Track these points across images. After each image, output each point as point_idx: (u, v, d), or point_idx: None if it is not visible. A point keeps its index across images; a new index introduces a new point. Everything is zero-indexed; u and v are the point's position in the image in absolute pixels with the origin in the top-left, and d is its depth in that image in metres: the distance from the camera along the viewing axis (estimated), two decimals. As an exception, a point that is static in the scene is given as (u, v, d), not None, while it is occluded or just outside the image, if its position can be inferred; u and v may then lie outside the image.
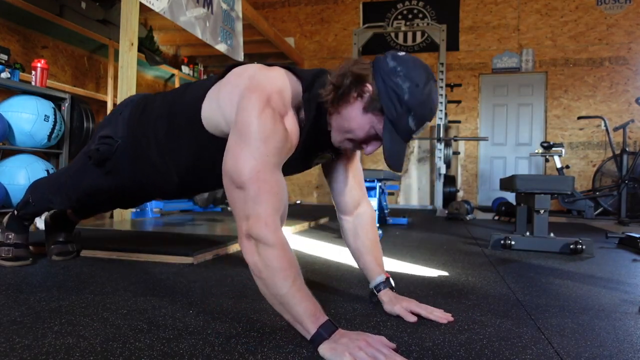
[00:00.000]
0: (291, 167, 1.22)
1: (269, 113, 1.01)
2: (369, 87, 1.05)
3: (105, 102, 4.46)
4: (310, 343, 0.94)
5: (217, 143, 1.15)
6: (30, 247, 1.86)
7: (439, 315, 1.20)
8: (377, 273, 1.30)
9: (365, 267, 1.33)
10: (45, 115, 2.71)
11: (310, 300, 0.97)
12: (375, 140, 1.12)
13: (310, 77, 1.13)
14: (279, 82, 1.08)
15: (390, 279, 1.31)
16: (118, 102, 3.08)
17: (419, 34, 7.07)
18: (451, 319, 1.20)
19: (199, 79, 1.25)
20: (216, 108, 1.15)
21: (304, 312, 0.94)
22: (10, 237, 1.74)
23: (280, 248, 0.97)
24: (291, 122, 1.08)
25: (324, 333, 0.93)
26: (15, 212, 1.75)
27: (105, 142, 1.42)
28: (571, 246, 2.41)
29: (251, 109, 1.02)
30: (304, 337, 0.96)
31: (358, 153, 1.37)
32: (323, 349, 0.92)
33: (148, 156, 1.36)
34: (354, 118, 1.08)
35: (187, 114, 1.23)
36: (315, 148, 1.21)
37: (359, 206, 1.36)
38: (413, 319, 1.17)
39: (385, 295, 1.26)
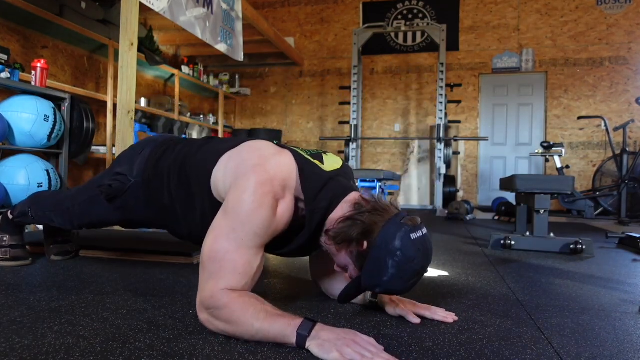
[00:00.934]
0: (290, 254, 1.26)
1: (260, 196, 1.02)
2: (365, 245, 1.05)
3: (105, 102, 4.46)
4: (299, 348, 0.96)
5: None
6: (28, 247, 1.86)
7: (443, 315, 1.20)
8: None
9: None
10: (45, 115, 2.71)
11: (278, 317, 0.98)
12: (346, 273, 1.16)
13: (318, 183, 1.12)
14: (285, 168, 1.09)
15: None
16: (118, 102, 3.08)
17: (419, 34, 7.06)
18: (456, 318, 1.21)
19: (216, 137, 1.24)
20: (221, 176, 1.15)
21: (280, 329, 0.97)
22: (4, 239, 1.74)
23: (230, 303, 0.99)
24: (285, 208, 1.07)
25: (304, 332, 0.95)
26: (10, 217, 1.75)
27: (119, 179, 1.40)
28: (571, 246, 2.41)
29: (244, 189, 1.03)
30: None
31: None
32: (312, 346, 0.94)
33: (160, 200, 1.33)
34: (340, 253, 1.11)
35: (197, 173, 1.22)
36: (313, 248, 1.23)
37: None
38: (417, 320, 1.18)
39: (385, 298, 1.26)
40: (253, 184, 1.03)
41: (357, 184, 1.28)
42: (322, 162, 1.18)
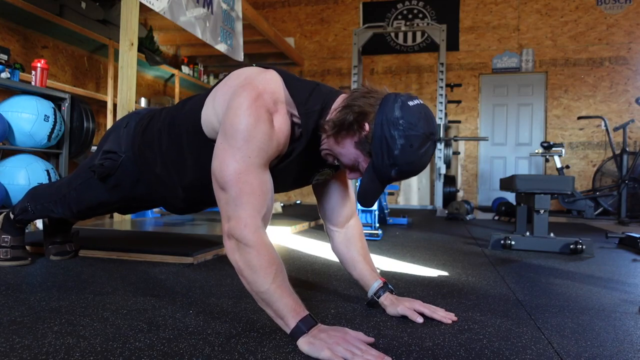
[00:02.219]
0: (290, 182, 1.24)
1: (254, 110, 1.01)
2: (367, 127, 1.03)
3: (105, 102, 4.45)
4: (290, 337, 0.96)
5: None
6: (28, 247, 1.86)
7: (443, 315, 1.20)
8: (373, 279, 1.29)
9: (361, 276, 1.32)
10: (45, 115, 2.71)
11: (290, 296, 0.98)
12: (357, 172, 1.12)
13: (306, 90, 1.12)
14: (273, 83, 1.08)
15: (388, 283, 1.30)
16: (118, 102, 3.08)
17: (419, 34, 7.06)
18: (455, 318, 1.21)
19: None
20: (212, 110, 1.14)
21: (284, 307, 0.97)
22: (6, 239, 1.74)
23: (260, 247, 0.98)
24: (281, 121, 1.06)
25: (303, 327, 0.95)
26: (11, 216, 1.75)
27: (109, 157, 1.41)
28: (571, 246, 2.41)
29: (238, 106, 1.02)
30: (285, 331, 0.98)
31: None
32: (302, 343, 0.94)
33: (153, 169, 1.35)
34: (345, 147, 1.08)
35: (187, 123, 1.23)
36: (313, 163, 1.20)
37: (350, 219, 1.37)
38: (420, 319, 1.17)
39: (386, 299, 1.25)
40: (246, 101, 1.02)
41: None
42: None
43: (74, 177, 1.60)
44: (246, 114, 1.00)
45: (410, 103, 1.03)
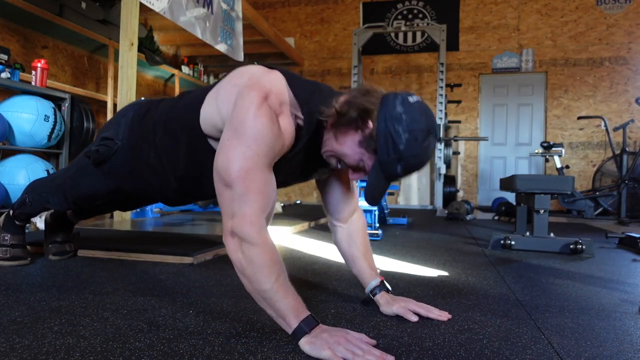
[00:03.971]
0: (290, 177, 1.24)
1: (264, 110, 1.02)
2: (370, 124, 1.04)
3: (105, 102, 4.45)
4: (292, 337, 0.96)
5: (213, 145, 1.16)
6: (28, 247, 1.86)
7: (438, 314, 1.21)
8: (371, 277, 1.30)
9: (360, 273, 1.33)
10: (45, 115, 2.71)
11: (292, 296, 0.98)
12: (361, 172, 1.13)
13: (308, 90, 1.13)
14: (278, 83, 1.09)
15: (385, 282, 1.31)
16: (118, 102, 3.08)
17: (419, 34, 7.06)
18: (450, 316, 1.21)
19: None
20: (214, 107, 1.14)
21: (286, 307, 0.97)
22: (6, 238, 1.75)
23: (263, 246, 0.98)
24: (286, 122, 1.07)
25: (305, 327, 0.95)
26: (11, 212, 1.76)
27: (105, 143, 1.42)
28: (571, 246, 2.41)
29: (248, 105, 1.02)
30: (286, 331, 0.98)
31: None
32: (303, 343, 0.94)
33: (146, 159, 1.36)
34: (349, 147, 1.08)
35: (184, 118, 1.23)
36: (314, 162, 1.21)
37: (354, 214, 1.37)
38: (415, 318, 1.18)
39: (381, 298, 1.26)
40: (256, 101, 1.02)
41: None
42: None
43: (71, 166, 1.62)
44: (258, 113, 1.01)
45: (410, 99, 1.04)
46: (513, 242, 2.50)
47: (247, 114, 1.01)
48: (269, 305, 0.98)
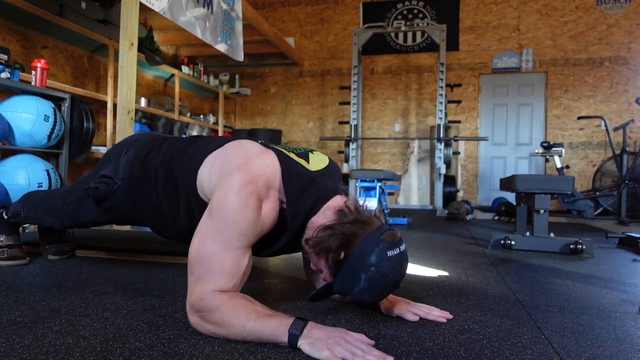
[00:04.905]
0: (273, 255, 1.27)
1: (243, 196, 1.02)
2: (342, 255, 1.06)
3: (105, 102, 4.46)
4: (290, 347, 0.96)
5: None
6: (24, 247, 1.86)
7: (438, 315, 1.20)
8: None
9: None
10: (45, 115, 2.71)
11: (270, 317, 0.99)
12: (320, 273, 1.18)
13: (301, 185, 1.12)
14: (269, 169, 1.09)
15: None
16: (118, 102, 3.08)
17: (419, 34, 7.06)
18: (450, 316, 1.21)
19: (203, 136, 1.24)
20: (207, 175, 1.15)
21: (271, 329, 0.97)
22: (1, 239, 1.74)
23: (221, 305, 0.99)
24: (270, 207, 1.08)
25: (296, 332, 0.96)
26: (5, 217, 1.75)
27: (105, 181, 1.40)
28: (571, 246, 2.41)
29: (229, 189, 1.04)
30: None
31: None
32: (303, 344, 0.94)
33: (149, 200, 1.33)
34: (317, 258, 1.12)
35: (183, 174, 1.22)
36: (295, 247, 1.24)
37: None
38: (415, 318, 1.18)
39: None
40: (237, 184, 1.03)
41: (342, 184, 1.25)
42: (307, 161, 1.18)
43: (70, 192, 1.59)
44: (235, 199, 1.02)
45: (389, 253, 1.04)
46: (513, 242, 2.50)
47: (225, 197, 1.03)
48: (257, 338, 0.98)
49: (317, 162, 1.20)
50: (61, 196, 1.61)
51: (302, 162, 1.17)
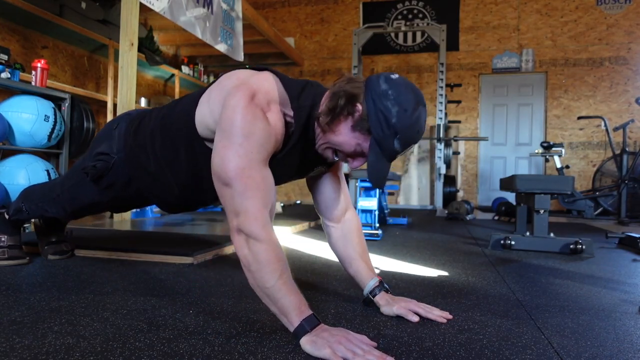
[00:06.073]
0: (285, 175, 1.25)
1: (251, 109, 1.03)
2: (359, 107, 1.07)
3: (105, 102, 4.45)
4: (293, 336, 0.96)
5: (211, 148, 1.16)
6: (23, 247, 1.86)
7: (438, 314, 1.20)
8: (369, 278, 1.30)
9: (357, 273, 1.32)
10: (45, 115, 2.71)
11: (295, 294, 0.99)
12: (361, 157, 1.14)
13: (298, 87, 1.15)
14: (266, 83, 1.11)
15: (383, 282, 1.30)
16: (118, 102, 3.08)
17: (419, 34, 7.06)
18: (450, 316, 1.21)
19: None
20: (207, 110, 1.16)
21: (289, 305, 0.97)
22: (2, 239, 1.74)
23: (268, 243, 0.99)
24: (275, 118, 1.08)
25: (307, 326, 0.96)
26: (7, 216, 1.75)
27: (101, 158, 1.41)
28: (571, 246, 2.41)
29: (234, 105, 1.04)
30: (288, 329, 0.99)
31: (342, 163, 1.35)
32: (304, 341, 0.94)
33: (146, 168, 1.35)
34: (343, 134, 1.10)
35: (180, 122, 1.24)
36: (309, 159, 1.22)
37: (346, 213, 1.37)
38: (415, 318, 1.18)
39: (381, 299, 1.26)
40: (242, 100, 1.04)
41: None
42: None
43: (67, 178, 1.60)
44: (244, 112, 1.02)
45: (393, 77, 1.08)
46: (513, 242, 2.50)
47: (234, 114, 1.03)
48: (272, 302, 0.99)
49: None
50: (59, 184, 1.63)
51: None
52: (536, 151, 5.22)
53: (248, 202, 1.00)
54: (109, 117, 4.48)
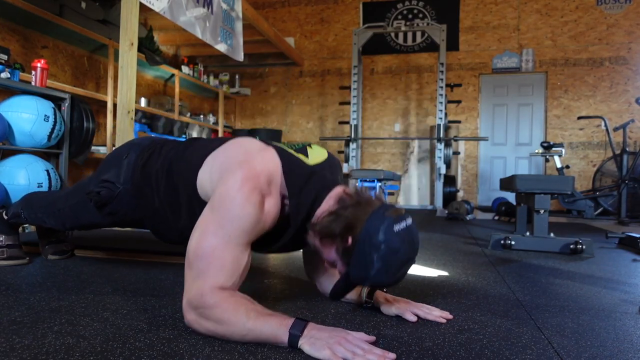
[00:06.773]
0: (276, 252, 1.28)
1: (246, 192, 1.02)
2: (350, 241, 1.04)
3: (105, 102, 4.45)
4: (290, 347, 0.95)
5: None
6: (23, 247, 1.86)
7: (438, 315, 1.20)
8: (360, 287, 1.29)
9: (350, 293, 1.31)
10: (45, 115, 2.71)
11: (270, 316, 0.98)
12: (334, 269, 1.16)
13: (301, 180, 1.12)
14: (270, 164, 1.09)
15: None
16: (118, 102, 3.07)
17: (419, 34, 7.06)
18: (450, 316, 1.21)
19: (202, 138, 1.24)
20: (208, 174, 1.15)
21: (271, 329, 0.96)
22: (1, 239, 1.74)
23: (221, 302, 0.98)
24: (272, 204, 1.07)
25: (297, 332, 0.95)
26: (5, 217, 1.75)
27: (106, 186, 1.39)
28: (571, 246, 2.41)
29: (231, 184, 1.03)
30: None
31: None
32: (302, 344, 0.94)
33: (152, 204, 1.33)
34: (327, 249, 1.10)
35: (184, 176, 1.22)
36: (299, 245, 1.23)
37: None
38: (413, 318, 1.18)
39: (380, 297, 1.26)
40: (240, 180, 1.02)
41: (342, 176, 1.23)
42: (306, 155, 1.18)
43: (70, 195, 1.58)
44: (237, 194, 1.02)
45: (396, 228, 1.03)
46: (513, 242, 2.50)
47: (227, 193, 1.02)
48: (256, 337, 0.97)
49: (316, 155, 1.20)
50: (62, 198, 1.60)
51: (301, 157, 1.16)
52: (536, 151, 5.22)
53: (203, 280, 1.00)
54: (109, 117, 4.48)
